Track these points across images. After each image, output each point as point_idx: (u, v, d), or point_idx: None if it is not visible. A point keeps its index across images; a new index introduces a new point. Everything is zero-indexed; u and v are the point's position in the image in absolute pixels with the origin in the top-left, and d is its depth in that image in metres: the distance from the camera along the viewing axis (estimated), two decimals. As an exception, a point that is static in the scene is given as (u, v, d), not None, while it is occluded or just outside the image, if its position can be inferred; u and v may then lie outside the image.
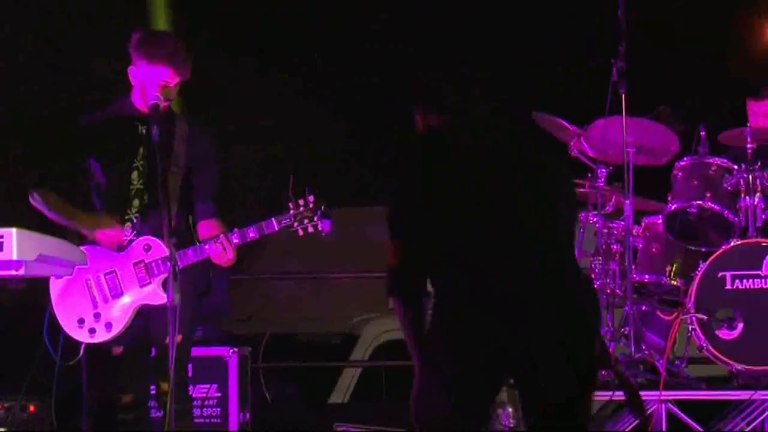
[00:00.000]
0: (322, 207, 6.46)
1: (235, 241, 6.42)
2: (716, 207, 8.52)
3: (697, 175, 8.67)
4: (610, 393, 8.18)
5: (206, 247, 6.40)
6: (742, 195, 8.46)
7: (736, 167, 8.59)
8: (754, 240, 8.22)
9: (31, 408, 7.38)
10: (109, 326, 6.54)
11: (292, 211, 6.42)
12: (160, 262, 6.42)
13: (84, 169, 6.60)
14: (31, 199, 6.60)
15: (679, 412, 8.01)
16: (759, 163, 8.55)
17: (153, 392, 6.68)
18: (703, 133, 8.80)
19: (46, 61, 13.03)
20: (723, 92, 9.47)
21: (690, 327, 8.14)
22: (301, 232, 6.52)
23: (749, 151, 8.59)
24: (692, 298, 8.14)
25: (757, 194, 8.43)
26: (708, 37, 11.71)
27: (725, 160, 8.67)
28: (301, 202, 6.47)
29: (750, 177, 8.48)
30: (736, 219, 8.42)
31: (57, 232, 6.32)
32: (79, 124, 7.01)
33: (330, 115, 18.39)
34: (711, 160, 8.67)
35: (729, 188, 8.52)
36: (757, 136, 8.66)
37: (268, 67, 17.35)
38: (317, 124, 18.30)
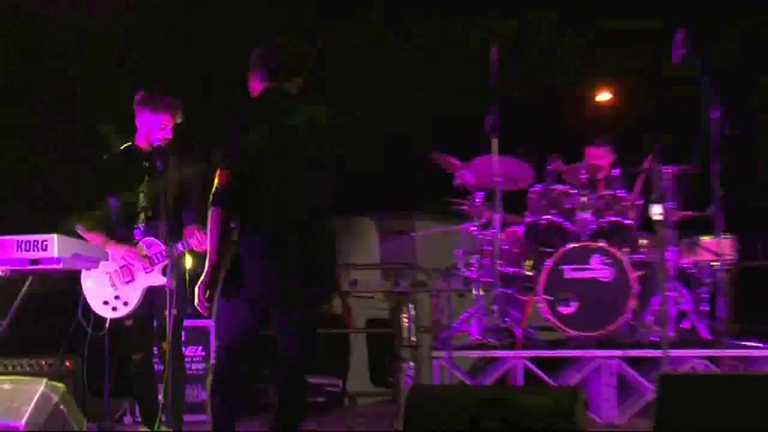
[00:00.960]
0: None
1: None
2: (559, 220, 8.66)
3: (545, 197, 8.75)
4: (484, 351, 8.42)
5: (189, 241, 6.52)
6: (577, 211, 8.58)
7: (573, 191, 8.68)
8: (584, 243, 8.35)
9: (68, 364, 7.41)
10: (126, 304, 6.77)
11: None
12: (158, 254, 6.59)
13: (106, 200, 6.75)
14: (75, 228, 6.71)
15: (532, 366, 8.09)
16: (589, 189, 8.64)
17: (156, 351, 6.82)
18: (548, 167, 8.86)
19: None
20: (566, 138, 9.53)
21: (540, 305, 8.27)
22: None
23: (583, 180, 8.70)
24: (541, 285, 8.25)
25: (588, 211, 8.54)
26: (556, 97, 11.64)
27: (566, 187, 8.77)
28: None
29: (583, 199, 8.55)
30: (572, 228, 8.56)
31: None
32: (102, 163, 7.11)
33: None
34: (555, 187, 8.75)
35: (568, 206, 8.66)
36: (589, 171, 8.80)
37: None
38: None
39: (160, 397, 6.47)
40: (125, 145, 6.93)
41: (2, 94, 10.56)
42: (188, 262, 6.81)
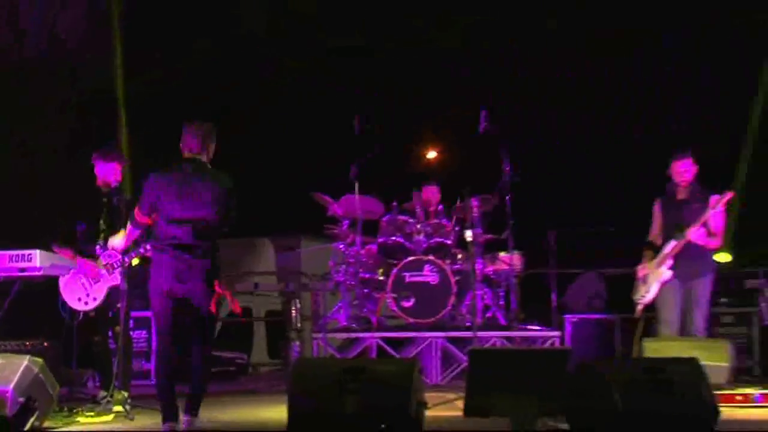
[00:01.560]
0: None
1: (148, 246, 6.17)
2: (401, 240, 8.66)
3: (392, 224, 8.73)
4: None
5: (140, 250, 6.26)
6: (414, 235, 8.62)
7: (411, 220, 8.71)
8: (419, 257, 8.41)
9: (46, 344, 7.27)
10: (95, 299, 6.68)
11: None
12: (116, 261, 6.45)
13: (76, 226, 6.73)
14: (53, 247, 6.72)
15: (384, 344, 8.17)
16: (424, 219, 8.74)
17: (111, 334, 6.71)
18: (394, 203, 8.86)
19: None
20: (406, 182, 9.53)
21: (388, 301, 8.32)
22: None
23: (418, 212, 8.79)
24: (389, 286, 8.31)
25: (421, 234, 8.61)
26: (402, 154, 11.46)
27: (406, 216, 8.75)
28: None
29: (418, 225, 8.63)
30: (411, 246, 8.59)
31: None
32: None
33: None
34: (399, 216, 8.75)
35: (408, 231, 8.68)
36: (423, 206, 8.90)
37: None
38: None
39: (115, 367, 6.39)
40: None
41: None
42: (135, 261, 6.58)
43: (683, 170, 7.15)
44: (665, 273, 7.11)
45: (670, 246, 7.08)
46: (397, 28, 11.16)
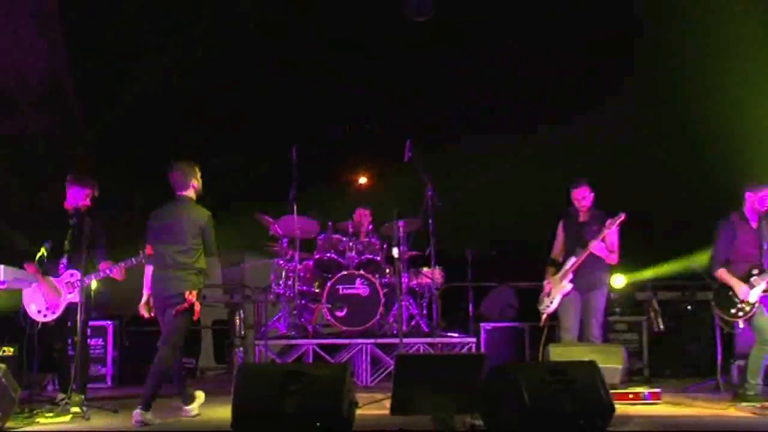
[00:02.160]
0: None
1: (114, 268, 6.54)
2: (335, 257, 8.73)
3: (327, 242, 8.82)
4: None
5: (107, 271, 6.50)
6: (347, 252, 8.73)
7: (344, 239, 8.79)
8: (351, 271, 8.46)
9: (9, 351, 7.22)
10: (54, 313, 6.72)
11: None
12: (77, 281, 6.52)
13: (44, 245, 6.61)
14: (23, 264, 6.66)
15: (319, 350, 8.13)
16: (354, 238, 8.82)
17: (71, 342, 6.71)
18: (329, 223, 8.96)
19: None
20: (341, 204, 9.47)
21: (323, 310, 8.30)
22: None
23: (351, 232, 8.86)
24: (324, 298, 8.32)
25: (353, 251, 8.72)
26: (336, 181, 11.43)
27: (339, 236, 8.84)
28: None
29: (350, 243, 8.73)
30: (344, 262, 8.67)
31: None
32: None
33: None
34: (333, 236, 8.87)
35: (341, 248, 8.76)
36: (354, 226, 8.96)
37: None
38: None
39: (72, 372, 6.40)
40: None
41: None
42: (94, 284, 6.71)
43: (581, 197, 7.42)
44: (566, 286, 7.32)
45: (571, 262, 7.29)
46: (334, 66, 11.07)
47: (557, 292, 7.37)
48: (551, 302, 7.41)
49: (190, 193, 6.39)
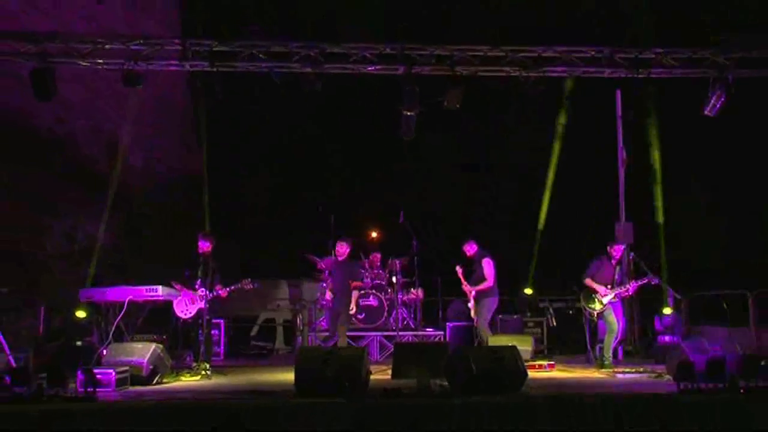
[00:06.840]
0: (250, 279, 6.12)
1: (224, 290, 6.08)
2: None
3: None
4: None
5: (218, 291, 6.05)
6: (365, 278, 8.14)
7: (363, 271, 8.17)
8: (367, 291, 8.00)
9: (164, 336, 6.85)
10: (190, 313, 6.30)
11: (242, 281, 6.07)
12: (203, 295, 6.08)
13: (185, 272, 6.27)
14: (172, 283, 6.35)
15: (348, 339, 7.21)
16: (371, 269, 8.35)
17: (201, 332, 6.22)
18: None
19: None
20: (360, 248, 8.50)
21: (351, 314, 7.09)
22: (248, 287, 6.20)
23: (367, 266, 8.43)
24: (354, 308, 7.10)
25: (368, 278, 8.23)
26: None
27: (361, 269, 7.99)
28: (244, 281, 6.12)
29: (367, 273, 8.23)
30: (363, 285, 7.92)
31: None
32: None
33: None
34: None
35: (361, 277, 7.92)
36: (369, 263, 8.49)
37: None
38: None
39: (201, 349, 6.11)
40: None
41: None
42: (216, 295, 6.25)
43: (467, 249, 7.27)
44: (473, 301, 7.21)
45: (470, 288, 7.22)
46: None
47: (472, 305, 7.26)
48: (471, 310, 7.30)
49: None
